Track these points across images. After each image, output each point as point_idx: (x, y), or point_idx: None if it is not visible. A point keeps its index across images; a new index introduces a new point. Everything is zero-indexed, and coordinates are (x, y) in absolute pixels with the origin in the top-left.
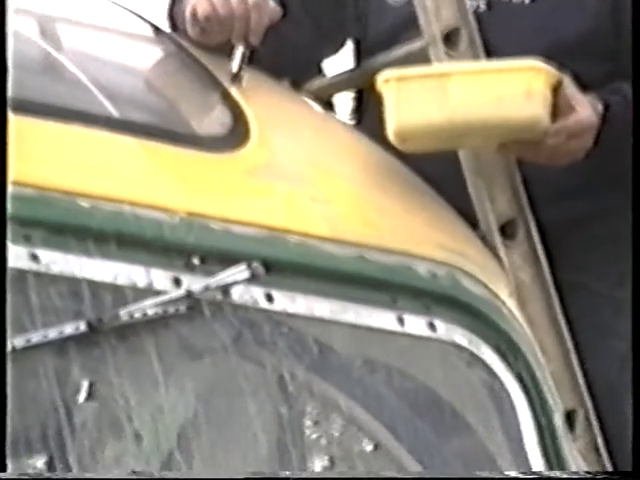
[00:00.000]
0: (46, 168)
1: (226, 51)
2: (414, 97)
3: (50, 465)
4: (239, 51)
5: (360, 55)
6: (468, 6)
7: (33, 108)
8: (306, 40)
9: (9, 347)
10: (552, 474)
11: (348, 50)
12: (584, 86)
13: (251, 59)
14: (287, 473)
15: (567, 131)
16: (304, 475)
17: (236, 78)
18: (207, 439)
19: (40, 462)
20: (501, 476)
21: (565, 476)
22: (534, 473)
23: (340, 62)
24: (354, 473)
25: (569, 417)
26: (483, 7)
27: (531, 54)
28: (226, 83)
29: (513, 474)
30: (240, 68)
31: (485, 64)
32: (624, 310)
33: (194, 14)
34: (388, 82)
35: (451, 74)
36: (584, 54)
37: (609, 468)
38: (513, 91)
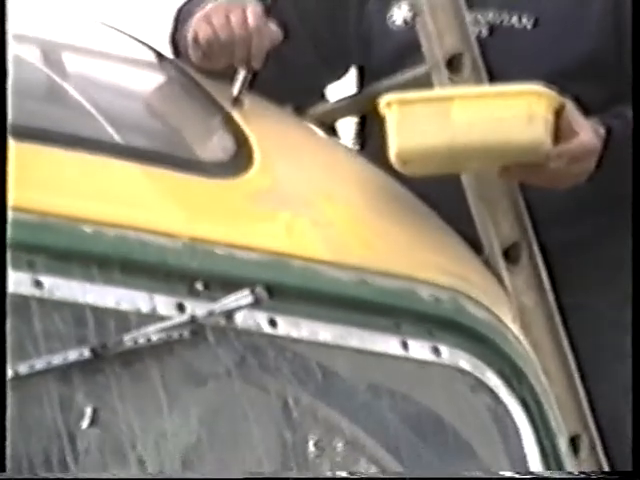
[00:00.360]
0: (49, 194)
1: (229, 75)
2: (416, 120)
3: None
4: (241, 75)
5: (363, 81)
6: (471, 31)
7: (36, 134)
8: (309, 65)
9: (12, 373)
10: (549, 474)
11: (351, 76)
12: (586, 110)
13: (253, 84)
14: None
15: (569, 155)
16: (304, 475)
17: (237, 102)
18: (211, 465)
19: None
20: (498, 476)
21: (563, 476)
22: (531, 473)
23: (343, 88)
24: (354, 473)
25: (573, 442)
26: (485, 33)
27: (533, 78)
28: (229, 108)
29: (509, 474)
30: (240, 92)
31: (487, 88)
32: (628, 331)
33: (196, 38)
34: (390, 105)
35: (453, 98)
36: (586, 78)
37: None
38: (515, 115)
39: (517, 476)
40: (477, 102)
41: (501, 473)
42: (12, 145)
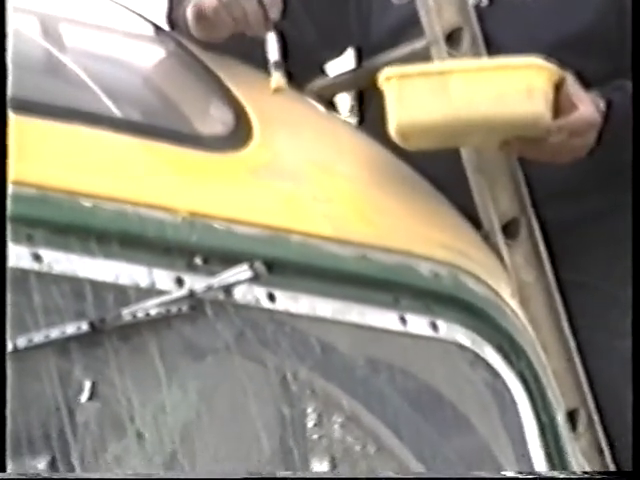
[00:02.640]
0: (48, 168)
1: (231, 49)
2: (416, 94)
3: (53, 465)
4: (270, 38)
5: (361, 60)
6: (470, 2)
7: (35, 108)
8: (308, 41)
9: (11, 347)
10: (551, 474)
11: (350, 55)
12: (586, 83)
13: (287, 54)
14: (288, 473)
15: (569, 128)
16: (304, 475)
17: (278, 66)
18: (210, 439)
19: (42, 463)
20: (501, 476)
21: (564, 476)
22: (533, 473)
23: (342, 64)
24: (354, 473)
25: (571, 416)
26: (486, 2)
27: (533, 50)
28: (228, 82)
29: (511, 474)
30: (281, 55)
31: (486, 61)
32: (627, 309)
33: (200, 12)
34: (389, 80)
35: (452, 72)
36: (586, 50)
37: (611, 468)
38: (514, 88)
39: (521, 476)
40: (476, 75)
41: (502, 473)
42: (11, 118)
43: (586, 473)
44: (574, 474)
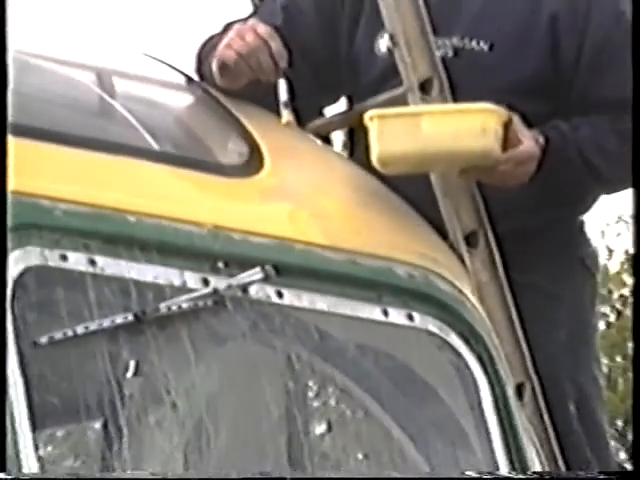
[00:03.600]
0: (100, 190)
1: (248, 94)
2: (393, 131)
3: (105, 427)
4: (280, 83)
5: (352, 104)
6: (438, 57)
7: (90, 144)
8: (310, 90)
9: (71, 334)
10: (554, 474)
11: (342, 100)
12: (529, 123)
13: (294, 95)
14: (288, 473)
15: (515, 160)
16: (304, 475)
17: (287, 106)
18: (229, 408)
19: (97, 425)
20: (498, 476)
21: (566, 476)
22: (535, 473)
23: (336, 107)
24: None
25: (519, 389)
26: (451, 54)
27: (489, 94)
28: (244, 121)
29: (511, 474)
30: (291, 95)
31: (450, 106)
32: (564, 303)
33: (223, 65)
34: (372, 119)
35: (422, 114)
36: (530, 96)
37: (550, 429)
38: (471, 128)
39: (522, 476)
40: (442, 117)
41: (498, 473)
42: (69, 152)
43: (588, 473)
44: (576, 474)
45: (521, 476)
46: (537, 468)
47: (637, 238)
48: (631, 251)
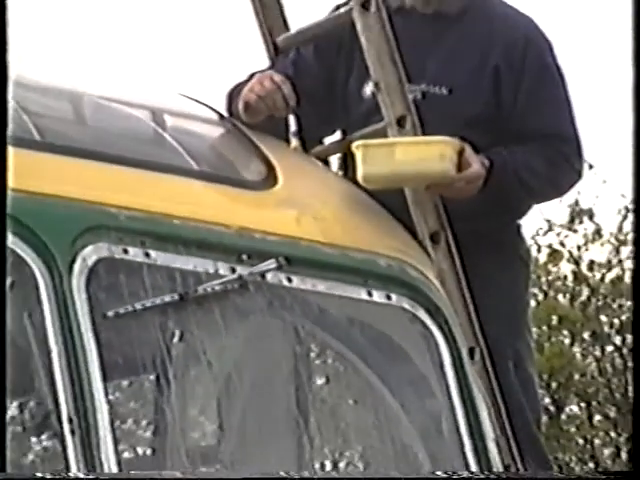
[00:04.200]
0: (153, 200)
1: (265, 127)
2: (373, 157)
3: (158, 380)
4: (291, 118)
5: (345, 134)
6: (411, 99)
7: (144, 165)
8: (313, 124)
9: (131, 309)
10: (553, 474)
11: (338, 132)
12: (477, 150)
13: (301, 127)
14: (288, 473)
15: (466, 179)
16: (305, 475)
17: (296, 135)
18: (250, 366)
19: (152, 377)
20: (495, 476)
21: (566, 476)
22: (538, 473)
23: (333, 137)
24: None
25: (470, 351)
26: (420, 97)
27: (448, 128)
28: (262, 148)
29: (498, 473)
30: (299, 128)
31: (417, 138)
32: (506, 286)
33: (247, 105)
34: (358, 147)
35: (396, 143)
36: (478, 127)
37: (494, 382)
38: (433, 155)
39: (526, 476)
40: (411, 146)
41: (495, 472)
42: (131, 171)
43: (588, 473)
44: (575, 474)
45: (522, 476)
46: (484, 410)
47: (637, 238)
48: (555, 246)
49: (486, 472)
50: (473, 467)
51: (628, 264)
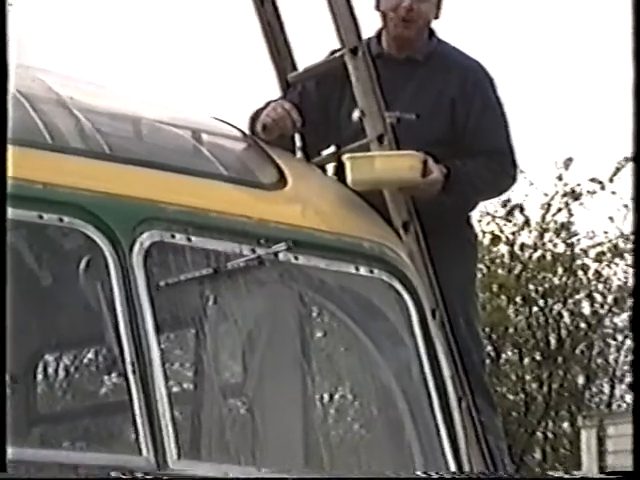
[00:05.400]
0: (194, 198)
1: (278, 142)
2: (359, 167)
3: (197, 334)
4: (297, 136)
5: (339, 149)
6: (388, 123)
7: (188, 172)
8: (313, 141)
9: (176, 281)
10: (557, 474)
11: (332, 147)
12: (437, 161)
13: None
14: (289, 473)
15: (429, 183)
16: (306, 475)
17: (300, 149)
18: (266, 324)
19: (192, 332)
20: (493, 476)
21: (567, 476)
22: (539, 473)
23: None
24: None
25: (433, 312)
26: (395, 121)
27: (416, 145)
28: (275, 157)
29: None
30: (303, 143)
31: (392, 152)
32: (460, 263)
33: (265, 126)
34: (347, 159)
35: (376, 156)
36: (438, 146)
37: (450, 336)
38: (404, 165)
39: (526, 476)
40: (387, 159)
41: (477, 472)
42: (177, 176)
43: (587, 473)
44: (575, 475)
45: (524, 476)
46: (442, 355)
47: (637, 238)
48: (496, 232)
49: (490, 472)
50: (434, 399)
51: (549, 246)
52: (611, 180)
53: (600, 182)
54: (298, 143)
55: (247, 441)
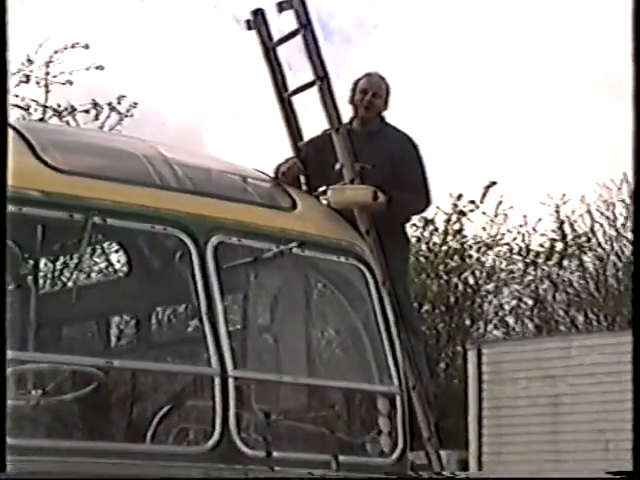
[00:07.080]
0: (239, 215)
1: (291, 182)
2: (336, 195)
3: (244, 300)
4: (302, 178)
5: (327, 187)
6: (357, 170)
7: (236, 200)
8: (314, 182)
9: (232, 265)
10: (556, 476)
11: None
12: (383, 192)
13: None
14: (291, 473)
15: (377, 205)
16: (305, 475)
17: (305, 185)
18: (284, 297)
19: (241, 297)
20: (489, 476)
21: (566, 476)
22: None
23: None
24: (354, 474)
25: (384, 283)
26: (359, 169)
27: (373, 182)
28: (290, 191)
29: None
30: (307, 182)
31: (356, 186)
32: (400, 252)
33: (283, 173)
34: (330, 191)
35: (345, 189)
36: (384, 183)
37: (394, 299)
38: (364, 195)
39: (519, 475)
40: (352, 191)
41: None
42: (227, 203)
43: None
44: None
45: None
46: (389, 309)
47: (637, 238)
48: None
49: (488, 472)
50: (384, 334)
51: (451, 244)
52: (481, 202)
53: (473, 202)
54: (302, 179)
55: (274, 358)
